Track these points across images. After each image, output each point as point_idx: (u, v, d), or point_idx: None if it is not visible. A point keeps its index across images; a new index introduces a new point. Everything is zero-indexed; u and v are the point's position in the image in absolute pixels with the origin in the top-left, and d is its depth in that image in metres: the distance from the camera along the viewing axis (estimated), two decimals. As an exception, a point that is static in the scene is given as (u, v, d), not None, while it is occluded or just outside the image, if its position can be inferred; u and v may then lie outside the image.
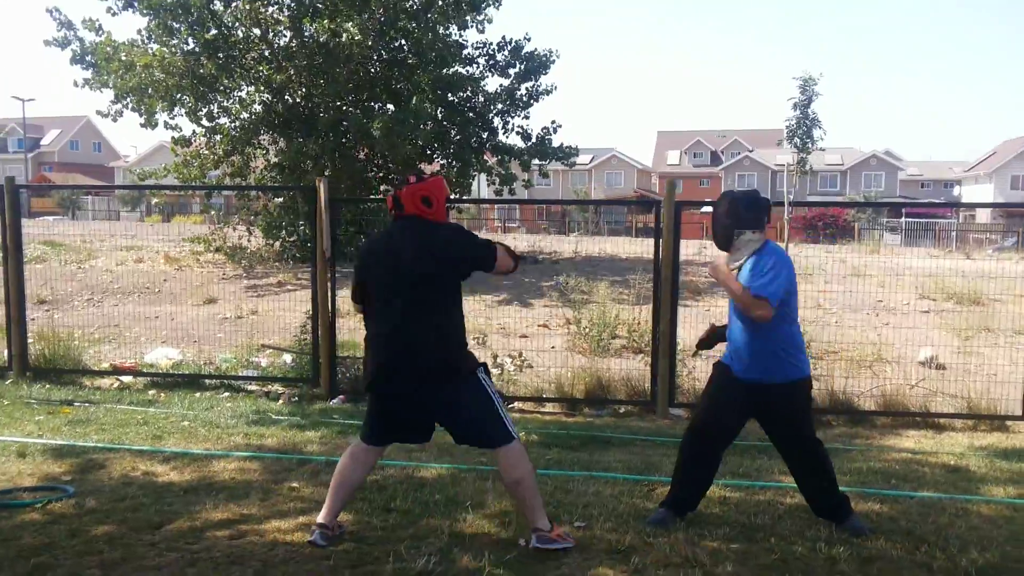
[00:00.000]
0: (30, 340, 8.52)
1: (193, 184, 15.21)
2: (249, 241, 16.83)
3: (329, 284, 7.84)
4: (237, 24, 14.65)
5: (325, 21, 12.94)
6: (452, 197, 16.45)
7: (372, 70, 15.80)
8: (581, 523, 3.91)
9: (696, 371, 8.39)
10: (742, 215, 3.90)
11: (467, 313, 3.85)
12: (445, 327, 3.54)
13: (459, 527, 3.83)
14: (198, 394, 7.75)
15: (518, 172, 17.37)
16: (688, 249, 19.72)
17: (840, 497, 4.00)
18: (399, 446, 5.44)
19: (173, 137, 16.47)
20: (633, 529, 3.84)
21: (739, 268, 3.90)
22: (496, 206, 41.07)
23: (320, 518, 3.59)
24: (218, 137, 15.85)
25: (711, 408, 4.05)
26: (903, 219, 42.71)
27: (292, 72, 14.07)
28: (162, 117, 15.75)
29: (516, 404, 7.73)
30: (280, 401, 7.61)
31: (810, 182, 59.60)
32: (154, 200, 15.31)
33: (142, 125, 15.59)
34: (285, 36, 15.13)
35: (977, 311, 12.10)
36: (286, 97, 14.82)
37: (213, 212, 16.92)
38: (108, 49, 13.95)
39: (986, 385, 7.95)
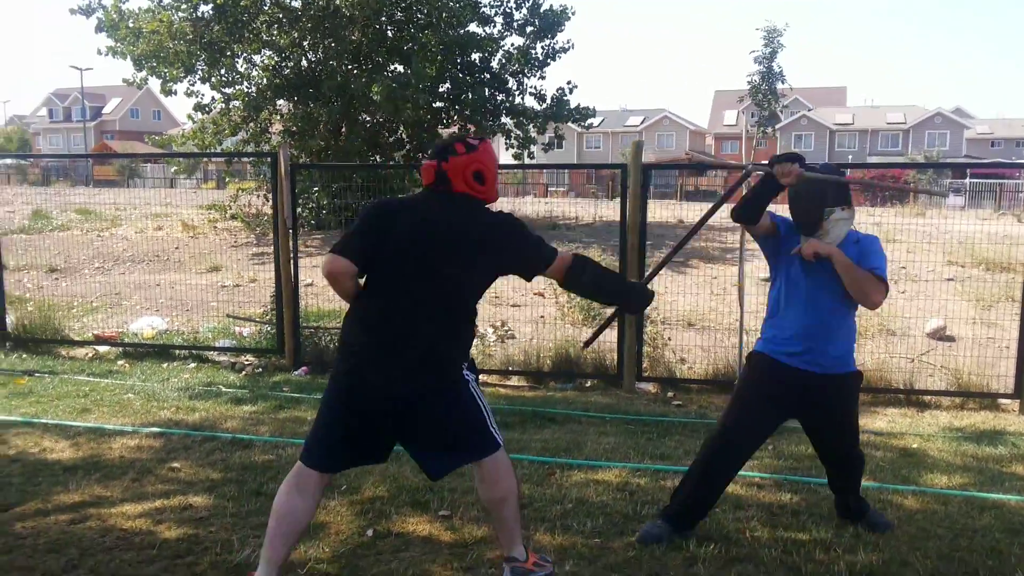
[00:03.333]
0: (30, 309, 8.72)
1: (167, 152, 15.25)
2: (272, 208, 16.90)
3: (292, 253, 7.71)
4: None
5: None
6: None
7: (388, 31, 15.53)
8: (446, 511, 3.69)
9: (672, 343, 8.05)
10: (831, 189, 3.33)
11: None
12: (461, 335, 2.90)
13: (316, 515, 3.64)
14: (165, 364, 7.73)
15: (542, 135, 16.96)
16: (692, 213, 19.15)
17: (861, 498, 3.73)
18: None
19: (195, 104, 16.57)
20: (496, 520, 3.60)
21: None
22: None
23: None
24: (236, 103, 15.85)
25: (751, 412, 3.47)
26: (967, 180, 40.72)
27: (296, 35, 13.89)
28: (182, 85, 15.85)
29: (482, 377, 7.50)
30: (243, 373, 7.54)
31: (870, 141, 57.45)
32: (172, 168, 15.54)
33: (161, 92, 15.68)
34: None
35: (1004, 279, 11.36)
36: (298, 61, 14.67)
37: (230, 179, 17.01)
38: (114, 16, 13.98)
39: (991, 359, 7.42)
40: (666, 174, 49.51)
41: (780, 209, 3.61)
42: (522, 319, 9.52)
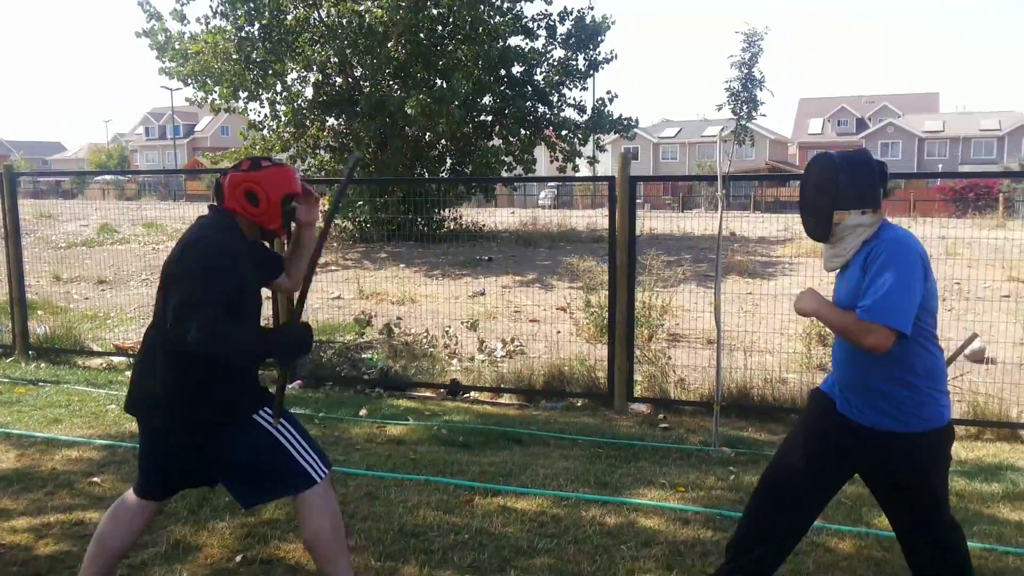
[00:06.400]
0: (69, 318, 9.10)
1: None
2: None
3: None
4: (289, 5, 14.84)
5: (349, 3, 12.89)
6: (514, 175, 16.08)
7: (428, 45, 15.64)
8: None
9: (680, 362, 7.70)
10: (842, 187, 2.62)
11: (491, 292, 3.05)
12: (184, 364, 2.65)
13: (195, 535, 3.57)
14: (169, 376, 7.86)
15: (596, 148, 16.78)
16: (773, 225, 18.51)
17: None
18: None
19: (248, 122, 17.08)
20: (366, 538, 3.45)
21: (844, 268, 2.70)
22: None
23: None
24: (283, 120, 16.24)
25: (795, 449, 2.81)
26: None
27: (332, 52, 14.13)
28: (237, 103, 16.34)
29: (473, 394, 7.38)
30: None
31: (962, 149, 54.73)
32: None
33: (211, 110, 16.19)
34: (333, 16, 15.25)
35: (1067, 296, 10.53)
36: (334, 78, 14.94)
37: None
38: (161, 38, 14.53)
39: (1026, 385, 6.84)
40: (745, 185, 48.27)
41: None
42: (539, 335, 9.34)
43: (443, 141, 15.31)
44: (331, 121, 16.64)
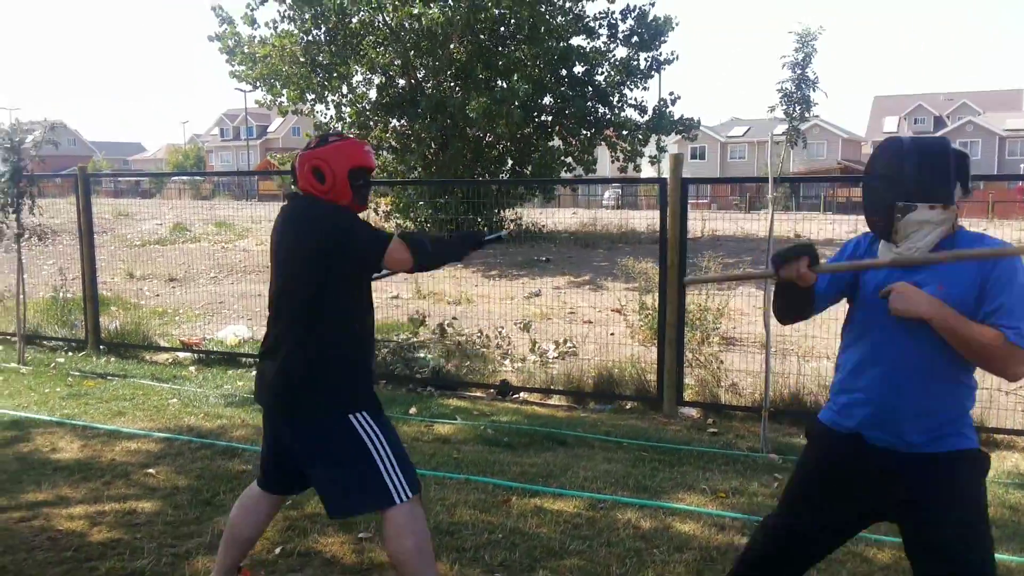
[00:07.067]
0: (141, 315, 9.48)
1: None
2: (387, 221, 17.53)
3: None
4: (353, 8, 15.13)
5: (407, 8, 13.09)
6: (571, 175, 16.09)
7: (489, 45, 15.74)
8: (367, 533, 3.66)
9: (735, 366, 7.62)
10: (910, 176, 2.22)
11: (547, 293, 3.34)
12: (302, 347, 2.69)
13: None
14: (230, 372, 8.13)
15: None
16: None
17: None
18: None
19: (314, 124, 17.50)
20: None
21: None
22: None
23: None
24: (348, 122, 16.58)
25: (796, 506, 2.44)
26: None
27: (395, 55, 14.36)
28: (304, 106, 16.75)
29: (522, 395, 7.43)
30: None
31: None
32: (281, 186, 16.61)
33: (279, 113, 16.60)
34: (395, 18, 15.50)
35: None
36: (397, 80, 15.18)
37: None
38: (230, 43, 14.98)
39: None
40: (815, 185, 46.99)
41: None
42: (592, 337, 9.33)
43: (503, 142, 15.41)
44: (394, 122, 16.91)
